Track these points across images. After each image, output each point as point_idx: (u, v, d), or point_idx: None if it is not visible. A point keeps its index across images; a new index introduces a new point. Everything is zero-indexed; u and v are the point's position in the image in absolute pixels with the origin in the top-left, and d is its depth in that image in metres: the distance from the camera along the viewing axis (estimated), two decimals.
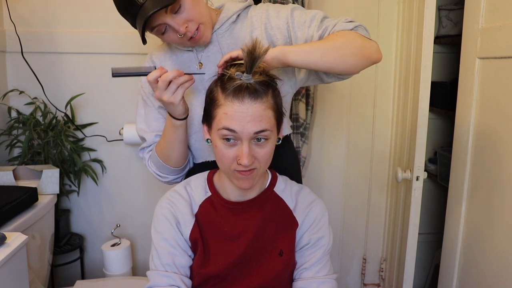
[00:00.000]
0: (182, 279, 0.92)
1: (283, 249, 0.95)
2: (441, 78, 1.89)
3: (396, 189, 1.93)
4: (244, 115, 0.81)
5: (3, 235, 1.03)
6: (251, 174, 0.87)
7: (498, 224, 1.18)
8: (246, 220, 0.95)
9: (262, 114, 0.83)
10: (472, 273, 1.29)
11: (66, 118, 1.72)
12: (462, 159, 1.33)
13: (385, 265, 2.04)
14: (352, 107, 1.95)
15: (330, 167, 1.99)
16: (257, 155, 0.86)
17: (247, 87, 0.82)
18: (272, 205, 0.97)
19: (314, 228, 0.97)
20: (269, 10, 1.07)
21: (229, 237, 0.94)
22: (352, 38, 0.95)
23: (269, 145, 0.86)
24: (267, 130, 0.84)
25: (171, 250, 0.93)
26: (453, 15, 1.78)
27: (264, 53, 0.81)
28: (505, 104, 1.14)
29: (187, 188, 0.99)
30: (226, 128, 0.83)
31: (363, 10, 1.86)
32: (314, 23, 1.01)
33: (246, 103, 0.82)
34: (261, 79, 0.84)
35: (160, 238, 0.94)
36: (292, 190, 1.00)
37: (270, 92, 0.85)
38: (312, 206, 0.99)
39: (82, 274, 1.84)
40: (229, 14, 1.07)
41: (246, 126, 0.82)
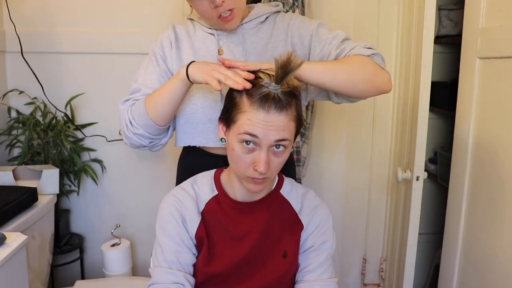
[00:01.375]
0: (186, 276, 0.92)
1: (287, 250, 0.95)
2: (441, 78, 1.89)
3: (396, 189, 1.93)
4: (269, 124, 0.82)
5: (3, 235, 1.03)
6: (263, 182, 0.88)
7: (498, 224, 1.18)
8: (252, 221, 0.95)
9: (285, 125, 0.83)
10: (472, 273, 1.29)
11: (66, 118, 1.72)
12: (462, 159, 1.33)
13: (385, 265, 2.04)
14: (352, 107, 1.95)
15: (330, 167, 1.99)
16: (272, 164, 0.86)
17: (274, 98, 0.82)
18: (278, 206, 0.98)
19: (319, 231, 0.98)
20: (297, 19, 1.11)
21: (234, 236, 0.95)
22: (366, 65, 0.97)
23: (285, 154, 0.87)
24: (287, 139, 0.84)
25: (175, 248, 0.93)
26: (453, 15, 1.78)
27: (298, 67, 0.82)
28: (505, 104, 1.14)
29: (193, 186, 0.99)
30: (248, 133, 0.83)
31: (363, 10, 1.86)
32: (335, 42, 1.04)
33: (272, 114, 0.82)
34: (287, 89, 0.84)
35: (164, 235, 0.94)
36: (298, 193, 1.01)
37: (294, 103, 0.85)
38: (317, 210, 0.99)
39: (82, 274, 1.83)
40: (259, 13, 1.11)
41: (268, 134, 0.82)
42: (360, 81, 0.97)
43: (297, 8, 1.69)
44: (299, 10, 1.69)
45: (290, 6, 1.67)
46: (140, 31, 1.72)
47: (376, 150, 1.98)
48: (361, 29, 1.87)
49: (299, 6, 1.69)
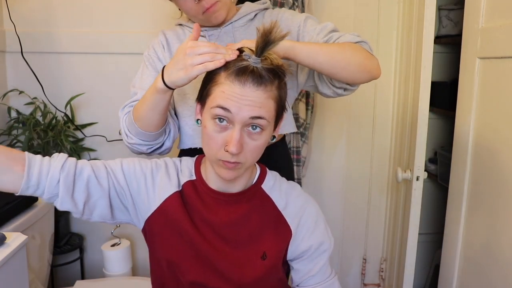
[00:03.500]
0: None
1: (267, 252, 0.88)
2: (441, 78, 1.89)
3: (396, 189, 1.93)
4: (244, 98, 0.75)
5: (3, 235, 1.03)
6: (235, 167, 0.80)
7: (498, 224, 1.18)
8: (228, 214, 0.88)
9: (262, 102, 0.76)
10: (472, 273, 1.29)
11: (66, 118, 1.72)
12: (462, 159, 1.33)
13: (385, 265, 2.04)
14: (352, 107, 1.95)
15: (330, 167, 1.99)
16: (246, 147, 0.79)
17: (252, 71, 0.75)
18: (258, 203, 0.91)
19: (312, 233, 0.91)
20: (285, 13, 1.11)
21: (209, 224, 0.88)
22: (357, 49, 0.95)
23: (262, 138, 0.79)
24: (264, 118, 0.77)
25: (117, 174, 0.87)
26: (453, 15, 1.78)
27: (280, 38, 0.75)
28: (505, 104, 1.14)
29: (176, 162, 0.95)
30: (220, 107, 0.76)
31: (363, 10, 1.86)
32: (323, 32, 1.03)
33: (248, 87, 0.75)
34: (269, 66, 0.77)
35: (130, 161, 0.90)
36: (281, 188, 0.93)
37: (276, 83, 0.78)
38: (305, 209, 0.92)
39: (82, 274, 1.83)
40: (248, 11, 1.11)
41: (243, 109, 0.75)
42: (354, 64, 0.93)
43: (297, 8, 1.69)
44: (299, 10, 1.69)
45: (290, 6, 1.67)
46: (140, 31, 1.71)
47: (376, 150, 1.98)
48: (361, 29, 1.87)
49: (299, 6, 1.69)
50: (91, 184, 0.84)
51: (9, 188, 0.79)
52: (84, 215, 0.86)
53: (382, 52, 1.90)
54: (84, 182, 0.83)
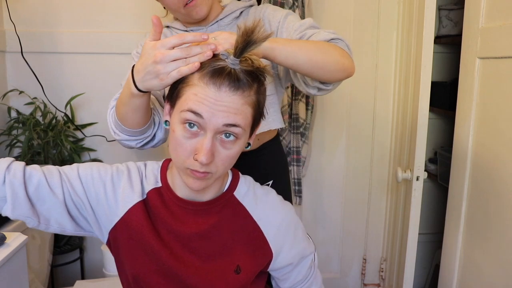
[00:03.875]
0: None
1: (241, 266, 0.81)
2: (441, 78, 1.89)
3: (396, 189, 1.93)
4: (218, 103, 0.67)
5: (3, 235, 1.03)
6: (205, 177, 0.72)
7: (498, 224, 1.18)
8: (197, 224, 0.80)
9: (238, 108, 0.69)
10: (472, 273, 1.29)
11: (66, 118, 1.72)
12: (462, 159, 1.33)
13: (385, 265, 2.04)
14: (352, 107, 1.95)
15: (330, 167, 1.99)
16: (218, 156, 0.71)
17: (229, 73, 0.68)
18: (230, 212, 0.83)
19: (292, 247, 0.85)
20: (268, 8, 1.10)
21: (176, 236, 0.80)
22: (334, 48, 0.92)
23: (236, 147, 0.72)
24: (239, 126, 0.70)
25: (72, 183, 0.77)
26: (453, 15, 1.78)
27: (263, 39, 0.67)
28: (505, 104, 1.14)
29: (141, 167, 0.85)
30: (191, 111, 0.68)
31: (363, 10, 1.86)
32: (300, 29, 1.01)
33: (223, 91, 0.67)
34: (249, 68, 0.70)
35: (87, 167, 0.80)
36: (256, 195, 0.85)
37: (255, 87, 0.71)
38: (283, 221, 0.84)
39: (82, 274, 1.83)
40: (233, 9, 1.11)
41: (217, 115, 0.68)
42: (331, 63, 0.89)
43: (297, 8, 1.69)
44: (299, 10, 1.69)
45: (290, 6, 1.67)
46: (140, 31, 1.71)
47: (376, 150, 1.98)
48: (361, 29, 1.87)
49: (299, 6, 1.69)
50: (42, 190, 0.75)
51: None
52: (40, 223, 0.77)
53: (382, 52, 1.90)
54: (34, 187, 0.75)
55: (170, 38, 0.73)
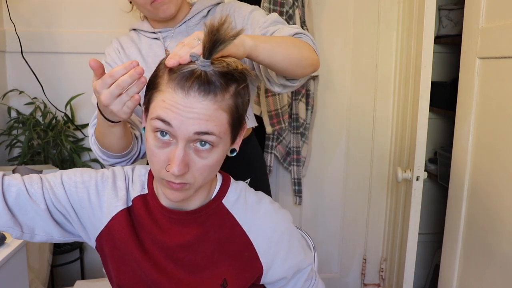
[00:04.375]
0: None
1: (227, 279, 0.75)
2: (441, 78, 1.89)
3: (396, 189, 1.93)
4: (187, 110, 0.61)
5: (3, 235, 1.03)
6: (182, 188, 0.67)
7: (498, 224, 1.18)
8: (182, 235, 0.75)
9: (210, 114, 0.62)
10: (472, 273, 1.29)
11: (66, 118, 1.72)
12: (462, 159, 1.33)
13: (385, 265, 2.04)
14: (352, 107, 1.95)
15: (330, 167, 1.99)
16: (194, 166, 0.65)
17: (199, 76, 0.61)
18: (217, 222, 0.76)
19: (286, 259, 0.77)
20: (234, 6, 1.08)
21: (161, 247, 0.76)
22: (303, 44, 0.89)
23: (213, 156, 0.66)
24: (213, 134, 0.63)
25: (54, 190, 0.74)
26: (453, 15, 1.78)
27: (232, 38, 0.61)
28: (505, 104, 1.14)
29: (128, 172, 0.81)
30: (159, 119, 0.63)
31: (363, 10, 1.86)
32: (265, 24, 0.98)
33: (192, 96, 0.61)
34: (223, 69, 0.63)
35: (71, 173, 0.77)
36: (247, 203, 0.78)
37: (231, 90, 0.64)
38: (275, 232, 0.76)
39: (82, 274, 1.83)
40: (200, 8, 1.09)
41: (186, 123, 0.62)
42: (305, 58, 0.87)
43: (297, 8, 1.69)
44: (299, 10, 1.69)
45: (290, 6, 1.67)
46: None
47: (376, 150, 1.98)
48: (361, 29, 1.87)
49: (299, 6, 1.69)
50: (21, 199, 0.72)
51: None
52: (24, 233, 0.74)
53: (382, 52, 1.90)
54: (13, 196, 0.71)
55: (105, 77, 0.69)
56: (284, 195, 1.96)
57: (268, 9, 1.65)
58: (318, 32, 1.84)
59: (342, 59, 1.86)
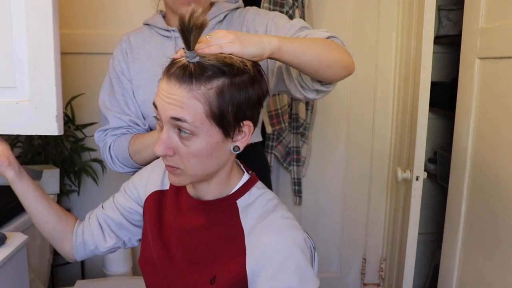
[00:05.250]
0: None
1: (217, 276, 0.74)
2: (441, 78, 1.89)
3: (396, 189, 1.93)
4: (167, 95, 0.67)
5: (4, 235, 1.03)
6: (174, 171, 0.72)
7: (498, 223, 1.18)
8: (191, 221, 0.80)
9: (184, 102, 0.66)
10: (472, 273, 1.29)
11: (66, 118, 1.72)
12: (462, 159, 1.33)
13: (385, 265, 2.04)
14: (352, 107, 1.95)
15: (330, 167, 1.99)
16: (179, 152, 0.70)
17: (182, 66, 0.66)
18: (224, 218, 0.77)
19: (274, 277, 0.69)
20: (251, 13, 1.06)
21: (176, 230, 0.82)
22: (337, 46, 0.88)
23: (194, 144, 0.68)
24: (186, 121, 0.66)
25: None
26: (453, 15, 1.78)
27: (199, 28, 0.64)
28: (504, 104, 1.14)
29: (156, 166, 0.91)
30: (153, 104, 0.71)
31: (363, 10, 1.87)
32: (292, 31, 0.97)
33: (172, 84, 0.66)
34: (209, 62, 0.66)
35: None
36: (258, 209, 0.76)
37: (214, 82, 0.66)
38: (270, 246, 0.71)
39: (82, 274, 1.84)
40: (217, 12, 1.06)
41: (165, 107, 0.67)
42: (337, 60, 0.86)
43: (297, 9, 1.69)
44: (299, 10, 1.70)
45: (290, 7, 1.67)
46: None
47: (376, 150, 1.99)
48: (361, 29, 1.88)
49: (299, 7, 1.69)
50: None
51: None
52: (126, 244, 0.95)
53: (382, 52, 1.90)
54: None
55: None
56: (284, 195, 1.96)
57: (268, 10, 1.65)
58: None
59: None
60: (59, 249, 0.93)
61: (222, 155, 0.72)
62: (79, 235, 0.91)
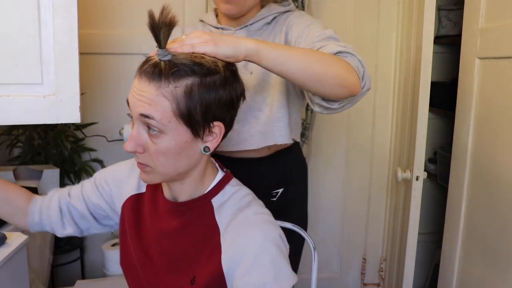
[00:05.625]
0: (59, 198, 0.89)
1: (197, 276, 0.74)
2: (441, 78, 1.89)
3: (396, 189, 1.93)
4: (137, 92, 0.68)
5: (4, 235, 1.03)
6: (144, 169, 0.73)
7: (498, 223, 1.18)
8: (168, 224, 0.79)
9: (153, 99, 0.66)
10: (472, 273, 1.29)
11: None
12: (462, 159, 1.33)
13: (385, 265, 2.04)
14: (352, 107, 1.94)
15: (330, 167, 1.99)
16: (149, 150, 0.70)
17: (154, 64, 0.67)
18: (200, 218, 0.76)
19: (247, 273, 0.69)
20: (296, 17, 1.06)
21: (154, 233, 0.81)
22: (337, 61, 0.83)
23: (162, 142, 0.68)
24: (153, 119, 0.66)
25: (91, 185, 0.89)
26: (453, 15, 1.78)
27: (168, 25, 0.65)
28: (504, 104, 1.14)
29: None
30: (127, 100, 0.71)
31: (363, 10, 1.87)
32: (314, 39, 0.95)
33: (143, 81, 0.67)
34: (181, 61, 0.66)
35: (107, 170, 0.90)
36: (233, 207, 0.76)
37: (183, 81, 0.66)
38: (245, 233, 0.71)
39: (82, 274, 1.84)
40: (265, 14, 1.07)
41: (135, 104, 0.68)
42: (331, 76, 0.81)
43: (297, 9, 1.69)
44: (299, 10, 1.70)
45: None
46: (139, 31, 1.72)
47: (376, 150, 1.99)
48: (361, 29, 1.87)
49: (299, 6, 1.70)
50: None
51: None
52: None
53: (382, 52, 1.90)
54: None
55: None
56: None
57: None
58: None
59: None
60: (9, 222, 0.93)
61: (192, 155, 0.72)
62: (36, 214, 0.89)
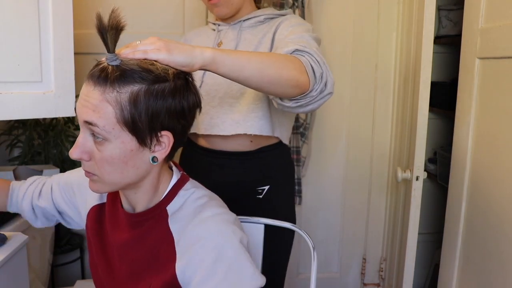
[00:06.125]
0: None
1: (152, 284, 0.73)
2: (441, 78, 1.89)
3: (396, 189, 1.93)
4: (83, 97, 0.65)
5: (4, 235, 1.03)
6: (91, 178, 0.70)
7: (498, 223, 1.18)
8: (125, 235, 0.76)
9: (97, 105, 0.64)
10: (472, 273, 1.29)
11: (66, 118, 1.72)
12: (462, 159, 1.33)
13: (385, 265, 2.04)
14: (352, 107, 1.95)
15: (330, 167, 1.99)
16: (95, 158, 0.67)
17: (101, 68, 0.64)
18: (155, 228, 0.73)
19: (203, 282, 0.65)
20: (286, 18, 1.10)
21: (113, 245, 0.79)
22: (291, 62, 0.84)
23: (107, 151, 0.66)
24: (96, 126, 0.64)
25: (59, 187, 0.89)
26: (453, 15, 1.78)
27: (115, 29, 0.64)
28: (504, 104, 1.14)
29: None
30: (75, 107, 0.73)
31: (363, 10, 1.87)
32: (284, 40, 0.98)
33: (89, 86, 0.65)
34: (129, 66, 0.64)
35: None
36: (188, 211, 0.73)
37: (126, 88, 0.64)
38: (200, 237, 0.68)
39: (82, 274, 1.84)
40: (258, 14, 1.14)
41: (80, 110, 0.66)
42: (284, 78, 0.81)
43: (297, 9, 1.69)
44: (299, 10, 1.70)
45: (290, 6, 1.67)
46: (139, 31, 1.72)
47: (375, 150, 1.99)
48: (361, 29, 1.88)
49: (299, 7, 1.69)
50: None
51: None
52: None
53: (382, 52, 1.90)
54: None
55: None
56: None
57: None
58: (318, 32, 1.84)
59: (342, 59, 1.86)
60: None
61: (140, 165, 0.69)
62: (13, 207, 0.95)
